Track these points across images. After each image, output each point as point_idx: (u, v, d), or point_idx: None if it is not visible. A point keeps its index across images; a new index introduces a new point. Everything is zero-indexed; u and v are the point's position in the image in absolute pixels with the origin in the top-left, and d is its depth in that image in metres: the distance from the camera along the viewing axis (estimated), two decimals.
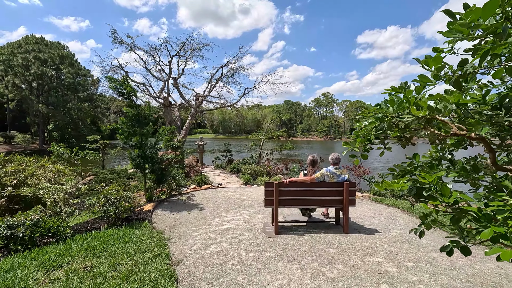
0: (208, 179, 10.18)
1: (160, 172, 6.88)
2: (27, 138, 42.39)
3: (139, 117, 6.73)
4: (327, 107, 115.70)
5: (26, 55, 41.13)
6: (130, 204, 5.31)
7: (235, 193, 8.69)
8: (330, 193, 5.06)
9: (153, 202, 7.14)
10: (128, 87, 6.61)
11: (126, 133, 6.71)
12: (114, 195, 5.09)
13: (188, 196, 8.16)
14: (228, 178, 12.02)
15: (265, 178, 10.51)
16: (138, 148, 6.70)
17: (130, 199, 5.52)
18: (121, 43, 15.79)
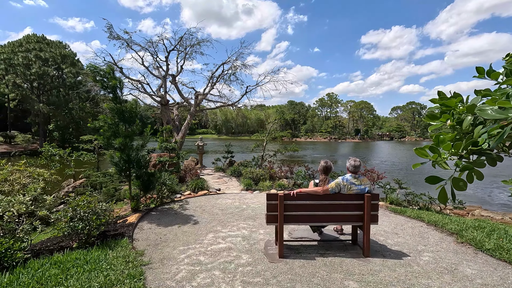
0: (205, 183, 9.27)
1: (147, 178, 5.99)
2: (28, 138, 41.88)
3: (123, 115, 5.85)
4: (331, 107, 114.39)
5: (27, 54, 40.62)
6: (105, 219, 4.41)
7: (234, 200, 7.77)
8: (348, 207, 4.12)
9: (139, 212, 6.25)
10: (113, 79, 5.73)
11: (108, 133, 5.83)
12: (83, 208, 4.20)
13: (181, 204, 7.26)
14: (228, 182, 11.11)
15: (268, 183, 9.59)
16: (122, 151, 5.81)
17: (106, 211, 4.63)
18: (117, 38, 14.99)
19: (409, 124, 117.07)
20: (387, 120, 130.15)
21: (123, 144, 5.72)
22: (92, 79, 5.53)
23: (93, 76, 5.68)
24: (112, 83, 5.67)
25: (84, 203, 4.32)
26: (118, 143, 5.61)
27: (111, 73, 5.86)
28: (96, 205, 4.50)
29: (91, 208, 4.28)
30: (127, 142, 5.79)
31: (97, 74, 5.66)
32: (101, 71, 5.75)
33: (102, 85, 5.77)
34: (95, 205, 4.46)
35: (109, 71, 5.87)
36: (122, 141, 5.67)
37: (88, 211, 4.24)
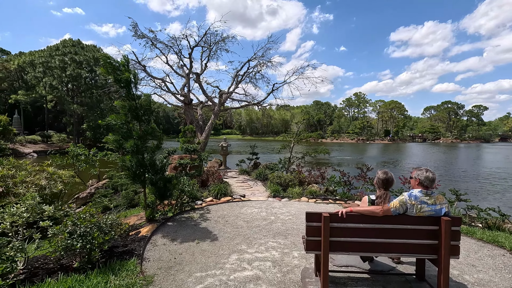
0: (229, 188, 8.47)
1: (163, 184, 5.26)
2: (63, 138, 44.04)
3: (137, 112, 5.18)
4: (359, 107, 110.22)
5: (63, 57, 42.71)
6: (109, 236, 3.69)
7: (260, 209, 6.88)
8: (417, 234, 3.06)
9: (154, 222, 5.55)
10: (126, 71, 5.07)
11: (120, 133, 5.18)
12: (84, 222, 3.51)
13: (201, 213, 6.49)
14: (253, 186, 10.25)
15: (298, 190, 8.59)
16: (135, 154, 5.13)
17: (113, 226, 3.92)
18: (142, 37, 14.72)
19: (444, 125, 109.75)
20: (419, 121, 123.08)
21: (135, 146, 5.03)
22: (104, 72, 4.85)
23: (106, 69, 5.04)
24: (125, 76, 5.01)
25: (85, 217, 3.63)
26: (129, 145, 4.93)
27: (125, 65, 5.20)
28: (101, 218, 3.81)
29: (93, 223, 3.58)
30: (140, 144, 5.10)
31: (109, 66, 5.02)
32: (114, 62, 5.11)
33: (114, 78, 5.13)
34: (99, 218, 3.76)
35: (123, 62, 5.22)
36: (135, 142, 4.98)
37: (90, 226, 3.54)
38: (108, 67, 5.05)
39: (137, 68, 14.21)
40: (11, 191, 6.28)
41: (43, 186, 6.85)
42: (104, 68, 5.06)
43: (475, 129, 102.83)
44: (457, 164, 31.97)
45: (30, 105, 49.57)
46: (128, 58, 5.30)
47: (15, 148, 34.64)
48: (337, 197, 8.24)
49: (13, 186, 6.43)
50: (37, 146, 39.06)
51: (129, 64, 5.45)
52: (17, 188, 6.35)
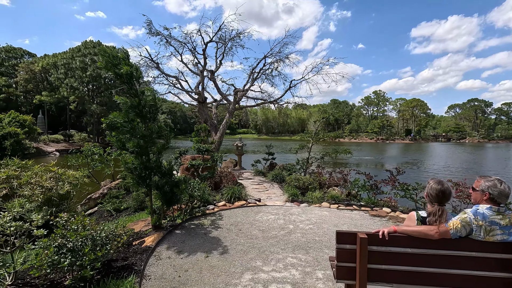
0: (243, 192, 7.90)
1: (170, 188, 4.75)
2: (84, 137, 45.25)
3: (141, 109, 4.69)
4: (378, 106, 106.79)
5: (83, 58, 43.83)
6: (103, 251, 3.20)
7: (277, 216, 6.25)
8: (483, 264, 2.35)
9: (161, 229, 5.06)
10: (126, 65, 4.59)
11: (122, 132, 4.71)
12: (73, 236, 3.03)
13: (213, 219, 5.95)
14: (269, 189, 9.63)
15: (318, 194, 7.89)
16: (139, 155, 4.65)
17: (109, 238, 3.43)
18: (157, 34, 14.43)
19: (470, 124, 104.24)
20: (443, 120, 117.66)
21: (139, 146, 4.55)
22: (102, 66, 4.37)
23: (105, 63, 4.59)
24: (124, 69, 4.53)
25: (78, 227, 3.15)
26: (132, 145, 4.45)
27: (125, 59, 4.73)
28: (95, 229, 3.32)
29: (84, 236, 3.10)
30: (144, 144, 4.61)
31: (108, 60, 4.57)
32: (113, 56, 4.65)
33: (114, 73, 4.67)
34: (93, 229, 3.28)
35: (123, 56, 4.75)
36: (138, 142, 4.50)
37: (81, 239, 3.06)
38: (107, 61, 4.59)
39: (151, 66, 13.94)
40: (16, 192, 6.01)
41: (49, 187, 6.56)
42: (102, 63, 4.61)
43: (505, 128, 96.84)
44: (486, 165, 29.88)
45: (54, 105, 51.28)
46: (127, 52, 4.84)
47: (38, 147, 35.82)
48: (362, 203, 7.47)
49: (18, 188, 6.17)
50: (60, 145, 40.27)
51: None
52: (22, 190, 6.07)
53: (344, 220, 6.01)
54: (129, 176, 4.77)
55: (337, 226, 5.58)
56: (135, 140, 4.49)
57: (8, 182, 6.26)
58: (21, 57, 56.50)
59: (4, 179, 6.35)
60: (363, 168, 25.86)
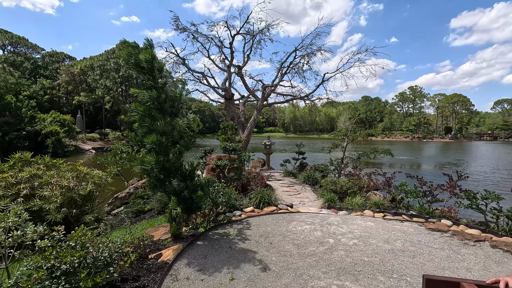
0: (273, 196, 7.13)
1: (189, 194, 4.09)
2: (118, 135, 47.17)
3: (161, 103, 4.10)
4: (414, 102, 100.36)
5: (117, 59, 45.64)
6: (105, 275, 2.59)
7: (313, 226, 5.40)
8: None
9: (181, 240, 4.45)
10: (148, 54, 4.01)
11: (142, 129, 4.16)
12: (66, 258, 2.45)
13: (240, 228, 5.25)
14: (301, 192, 8.77)
15: (359, 200, 6.89)
16: (158, 154, 4.06)
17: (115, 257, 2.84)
18: (184, 30, 14.10)
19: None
20: (488, 116, 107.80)
21: (158, 143, 3.95)
22: (123, 56, 3.78)
23: (125, 54, 4.05)
24: (144, 57, 3.95)
25: (75, 244, 2.58)
26: (151, 142, 3.85)
27: (148, 48, 4.15)
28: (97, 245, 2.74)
29: (81, 257, 2.51)
30: (165, 141, 4.00)
31: (128, 51, 4.02)
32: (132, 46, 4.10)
33: (135, 63, 4.11)
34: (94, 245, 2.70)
35: (145, 47, 4.18)
36: (158, 139, 3.89)
37: (77, 260, 2.47)
38: (128, 52, 4.04)
39: (178, 62, 13.63)
40: (36, 193, 5.76)
41: (70, 187, 6.27)
42: (123, 54, 4.07)
43: None
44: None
45: (92, 105, 54.13)
46: (151, 41, 4.24)
47: (77, 145, 37.77)
48: (413, 213, 6.36)
49: (39, 188, 5.93)
50: (96, 143, 42.26)
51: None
52: (41, 190, 5.81)
53: (395, 235, 5.01)
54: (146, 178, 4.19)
55: (389, 243, 4.61)
56: (154, 136, 3.90)
57: (30, 181, 6.07)
58: (63, 60, 60.33)
59: (27, 178, 6.17)
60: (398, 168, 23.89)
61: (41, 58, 57.67)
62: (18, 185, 5.95)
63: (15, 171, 6.34)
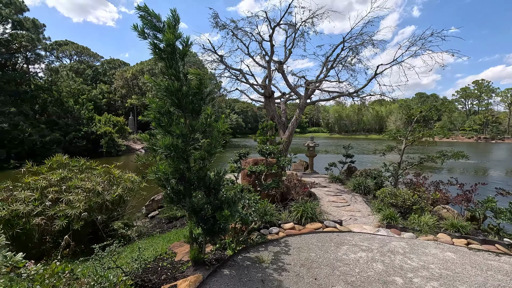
0: (317, 208, 6.00)
1: (211, 212, 3.21)
2: None
3: (180, 98, 3.32)
4: (480, 99, 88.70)
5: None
6: None
7: (371, 254, 4.19)
8: None
9: (203, 266, 3.63)
10: (170, 33, 3.27)
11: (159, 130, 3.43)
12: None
13: (276, 251, 4.27)
14: (350, 203, 7.47)
15: (430, 219, 5.41)
16: (175, 160, 3.29)
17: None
18: (223, 27, 13.58)
19: None
20: None
21: (175, 148, 3.17)
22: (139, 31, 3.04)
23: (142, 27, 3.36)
24: (166, 38, 3.21)
25: None
26: (166, 144, 3.09)
27: (171, 26, 3.39)
28: None
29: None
30: (183, 145, 3.22)
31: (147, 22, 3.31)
32: (155, 18, 3.37)
33: (152, 43, 3.39)
34: None
35: (168, 23, 3.42)
36: (173, 142, 3.12)
37: None
38: (146, 24, 3.35)
39: (215, 60, 13.13)
40: (61, 198, 5.47)
41: (99, 191, 5.92)
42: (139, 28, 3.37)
43: None
44: None
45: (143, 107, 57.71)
46: (178, 15, 3.47)
47: (128, 144, 40.30)
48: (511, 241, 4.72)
49: (66, 191, 5.66)
50: (146, 143, 44.80)
51: None
52: (66, 195, 5.51)
53: (495, 279, 3.57)
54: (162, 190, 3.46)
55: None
56: (169, 139, 3.13)
57: (59, 185, 5.85)
58: (119, 67, 65.44)
59: (57, 181, 5.99)
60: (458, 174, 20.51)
61: (101, 65, 63.24)
62: (48, 188, 5.77)
63: (48, 174, 6.21)
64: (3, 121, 23.63)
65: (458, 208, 7.16)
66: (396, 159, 10.87)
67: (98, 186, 5.97)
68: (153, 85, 3.34)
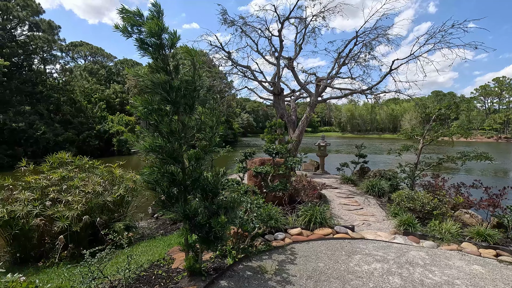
0: (327, 212, 5.58)
1: (206, 220, 2.89)
2: None
3: (168, 91, 3.02)
4: (501, 96, 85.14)
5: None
6: None
7: (387, 266, 3.77)
8: None
9: (199, 277, 3.30)
10: (154, 24, 2.98)
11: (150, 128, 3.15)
12: None
13: (281, 260, 3.91)
14: (363, 207, 7.01)
15: (452, 227, 4.91)
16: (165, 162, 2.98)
17: None
18: (232, 24, 13.28)
19: None
20: None
21: (163, 150, 2.87)
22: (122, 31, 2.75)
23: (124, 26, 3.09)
24: (149, 27, 2.91)
25: None
26: (148, 146, 2.79)
27: (155, 18, 3.10)
28: None
29: None
30: (171, 145, 2.91)
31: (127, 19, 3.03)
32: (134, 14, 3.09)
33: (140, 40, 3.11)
34: None
35: (151, 16, 3.13)
36: (162, 142, 2.81)
37: None
38: (128, 20, 3.07)
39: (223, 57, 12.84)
40: (59, 198, 5.29)
41: (99, 192, 5.72)
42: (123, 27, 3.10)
43: None
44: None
45: None
46: (159, 5, 3.18)
47: None
48: None
49: (66, 192, 5.48)
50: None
51: None
52: (65, 195, 5.32)
53: None
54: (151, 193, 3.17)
55: None
56: (156, 138, 2.83)
57: (60, 184, 5.68)
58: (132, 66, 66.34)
59: (58, 180, 5.82)
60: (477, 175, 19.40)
61: (114, 65, 64.31)
62: (49, 187, 5.61)
63: (49, 173, 6.07)
64: (19, 120, 24.19)
65: (482, 213, 6.60)
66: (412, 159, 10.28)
67: (98, 186, 5.77)
68: (136, 78, 3.04)
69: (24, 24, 30.99)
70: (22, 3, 30.17)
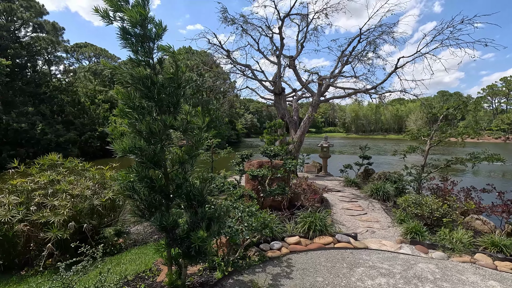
0: (328, 219, 5.22)
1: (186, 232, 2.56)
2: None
3: (149, 87, 2.71)
4: (509, 96, 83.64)
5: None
6: None
7: (392, 281, 3.40)
8: None
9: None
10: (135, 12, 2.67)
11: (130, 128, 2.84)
12: None
13: (275, 274, 3.56)
14: (367, 212, 6.63)
15: (464, 236, 4.53)
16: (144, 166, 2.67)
17: None
18: (232, 23, 12.98)
19: None
20: None
21: (143, 152, 2.55)
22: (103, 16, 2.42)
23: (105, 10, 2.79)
24: (130, 15, 2.60)
25: None
26: (124, 148, 2.49)
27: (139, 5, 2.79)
28: None
29: None
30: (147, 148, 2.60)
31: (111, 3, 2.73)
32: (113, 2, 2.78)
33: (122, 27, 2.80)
34: None
35: (136, 4, 2.83)
36: (132, 143, 2.51)
37: None
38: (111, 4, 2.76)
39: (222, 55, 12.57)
40: (45, 203, 5.01)
41: (87, 196, 5.43)
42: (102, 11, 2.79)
43: None
44: None
45: None
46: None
47: None
48: None
49: (52, 195, 5.21)
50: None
51: None
52: (51, 199, 5.04)
53: None
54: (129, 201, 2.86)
55: None
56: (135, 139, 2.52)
57: (46, 188, 5.41)
58: None
59: (45, 184, 5.56)
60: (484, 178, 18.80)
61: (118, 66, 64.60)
62: (35, 191, 5.35)
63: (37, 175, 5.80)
64: (22, 121, 24.18)
65: (494, 219, 6.20)
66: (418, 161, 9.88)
67: (87, 190, 5.48)
68: (112, 70, 2.73)
69: (28, 26, 31.08)
70: (25, 4, 30.25)
